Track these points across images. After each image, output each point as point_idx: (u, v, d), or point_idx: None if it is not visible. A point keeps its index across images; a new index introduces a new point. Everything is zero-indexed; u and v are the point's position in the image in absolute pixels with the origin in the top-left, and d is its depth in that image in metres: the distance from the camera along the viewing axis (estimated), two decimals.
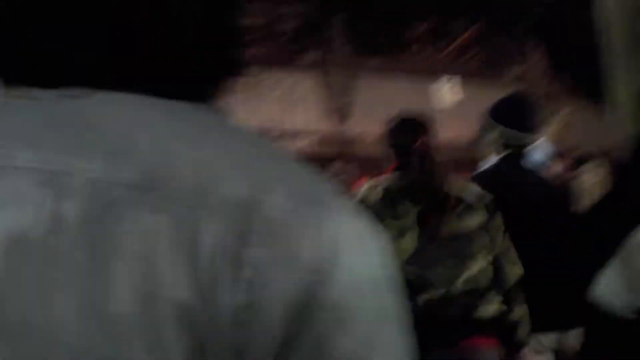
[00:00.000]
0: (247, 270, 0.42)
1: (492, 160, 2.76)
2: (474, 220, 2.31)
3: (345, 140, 8.87)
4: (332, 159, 8.90)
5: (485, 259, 2.30)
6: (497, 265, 2.33)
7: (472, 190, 2.39)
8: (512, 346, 2.34)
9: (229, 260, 0.42)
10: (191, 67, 0.50)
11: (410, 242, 2.25)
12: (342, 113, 9.00)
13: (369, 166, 9.42)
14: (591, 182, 5.07)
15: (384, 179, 2.39)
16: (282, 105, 8.90)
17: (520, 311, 2.34)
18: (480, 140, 2.88)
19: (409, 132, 2.46)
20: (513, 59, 10.47)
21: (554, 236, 2.54)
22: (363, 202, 2.31)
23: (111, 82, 0.48)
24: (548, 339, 2.56)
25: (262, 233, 0.43)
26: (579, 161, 5.25)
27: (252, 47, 0.54)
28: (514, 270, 2.37)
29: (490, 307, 2.27)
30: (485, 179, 2.55)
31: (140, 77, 0.48)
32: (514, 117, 2.73)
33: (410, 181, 2.32)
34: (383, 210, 2.28)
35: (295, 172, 0.49)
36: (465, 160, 8.63)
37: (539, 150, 3.17)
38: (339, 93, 9.05)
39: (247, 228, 0.43)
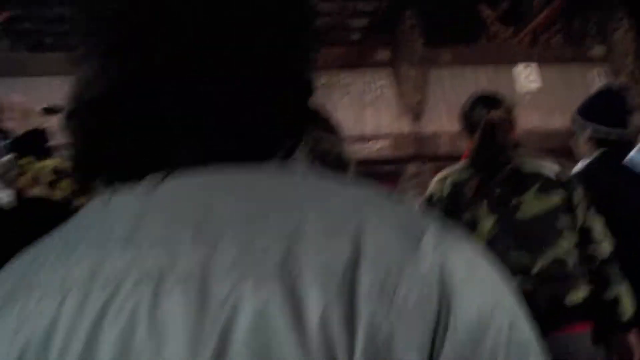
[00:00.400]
0: (362, 330, 0.39)
1: (588, 158, 2.61)
2: (554, 198, 2.14)
3: (420, 140, 8.60)
4: (408, 161, 8.72)
5: (569, 240, 2.10)
6: (584, 244, 2.13)
7: (551, 167, 2.22)
8: (613, 328, 2.13)
9: (340, 322, 0.39)
10: (280, 125, 0.51)
11: (486, 230, 2.10)
12: (415, 112, 8.72)
13: (446, 166, 9.07)
14: None
15: (452, 170, 2.25)
16: (353, 108, 8.73)
17: (616, 289, 2.11)
18: (573, 138, 2.74)
19: (481, 107, 2.30)
20: (595, 38, 9.82)
21: None
22: (432, 198, 2.21)
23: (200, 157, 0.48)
24: None
25: (371, 287, 0.40)
26: None
27: (321, 49, 0.53)
28: (604, 247, 2.15)
29: (581, 292, 2.06)
30: (580, 180, 2.32)
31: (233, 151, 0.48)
32: (604, 113, 2.57)
33: (475, 156, 2.17)
34: (453, 204, 2.15)
35: (393, 216, 0.46)
36: (553, 148, 8.18)
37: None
38: (412, 91, 8.76)
39: (353, 287, 0.40)
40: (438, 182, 2.24)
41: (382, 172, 8.66)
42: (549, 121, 8.90)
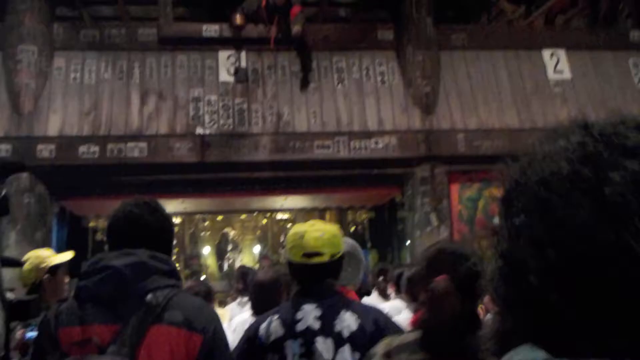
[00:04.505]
0: None
1: None
2: None
3: (432, 138, 7.05)
4: (418, 162, 7.19)
5: None
6: None
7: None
8: None
9: None
10: None
11: None
12: (426, 103, 7.16)
13: (460, 169, 7.79)
14: None
15: (399, 344, 1.79)
16: (350, 98, 7.13)
17: None
18: None
19: (431, 270, 1.81)
20: (629, 19, 8.40)
21: None
22: None
23: None
24: None
25: None
26: None
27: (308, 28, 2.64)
28: None
29: None
30: None
31: None
32: None
33: (424, 336, 1.74)
34: None
35: None
36: None
37: None
38: (421, 77, 7.20)
39: None
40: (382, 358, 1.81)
41: (387, 175, 7.10)
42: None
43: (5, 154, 6.40)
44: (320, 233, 2.32)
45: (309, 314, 2.21)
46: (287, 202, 8.49)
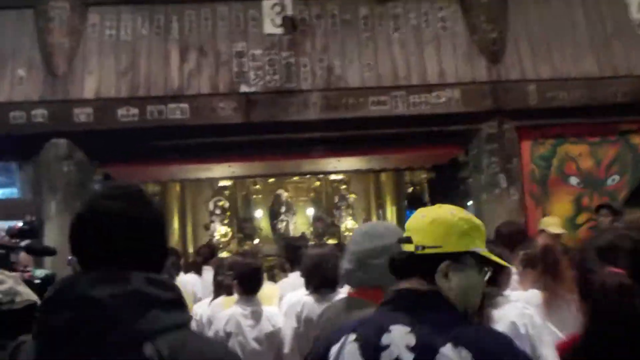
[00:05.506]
0: None
1: None
2: None
3: (500, 90, 6.39)
4: (484, 117, 6.56)
5: None
6: None
7: None
8: None
9: None
10: None
11: None
12: (492, 51, 6.47)
13: (532, 124, 7.09)
14: None
15: None
16: (407, 48, 6.51)
17: None
18: None
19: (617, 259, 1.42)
20: None
21: None
22: None
23: None
24: None
25: None
26: None
27: None
28: None
29: None
30: None
31: None
32: None
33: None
34: None
35: None
36: None
37: None
38: (486, 22, 6.50)
39: None
40: None
41: (450, 132, 6.50)
42: None
43: (42, 119, 6.08)
44: (421, 214, 1.64)
45: (399, 340, 1.50)
46: (341, 164, 7.99)
